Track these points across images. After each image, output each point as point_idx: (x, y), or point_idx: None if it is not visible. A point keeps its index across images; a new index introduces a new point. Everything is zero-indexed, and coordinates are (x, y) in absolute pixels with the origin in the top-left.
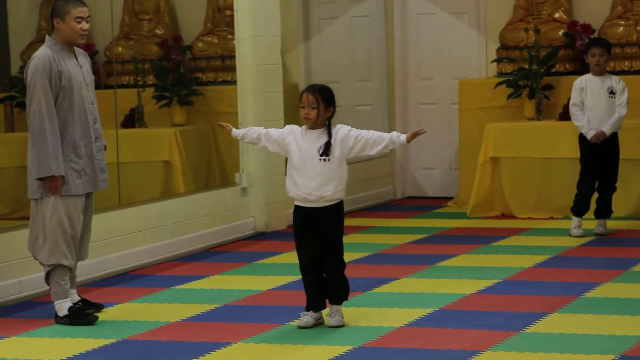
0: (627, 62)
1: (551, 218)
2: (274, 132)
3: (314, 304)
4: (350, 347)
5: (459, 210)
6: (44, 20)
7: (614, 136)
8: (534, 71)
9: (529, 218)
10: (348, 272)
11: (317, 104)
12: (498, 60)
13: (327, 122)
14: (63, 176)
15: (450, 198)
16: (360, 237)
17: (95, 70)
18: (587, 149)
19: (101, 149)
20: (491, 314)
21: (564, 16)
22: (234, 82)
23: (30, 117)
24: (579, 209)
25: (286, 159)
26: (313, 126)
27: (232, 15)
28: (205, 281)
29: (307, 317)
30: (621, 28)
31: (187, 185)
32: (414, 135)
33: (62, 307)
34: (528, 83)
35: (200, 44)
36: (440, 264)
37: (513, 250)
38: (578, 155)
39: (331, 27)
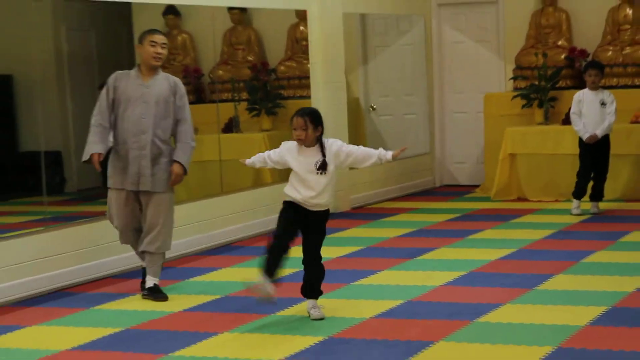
0: (614, 79)
1: (557, 201)
2: (273, 154)
3: (269, 271)
4: (400, 302)
5: (484, 195)
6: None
7: (605, 137)
8: (542, 86)
9: (540, 201)
10: (399, 244)
11: (306, 126)
12: (514, 78)
13: (319, 140)
14: (100, 153)
15: (478, 186)
16: (407, 217)
17: (201, 89)
18: (584, 147)
19: (145, 156)
20: (511, 275)
21: (566, 43)
22: (309, 97)
23: None
24: (578, 193)
25: None
26: (307, 144)
27: (307, 45)
28: (291, 249)
29: (268, 287)
30: (610, 52)
31: (274, 176)
32: (400, 152)
33: None
34: (538, 96)
35: (282, 68)
36: (471, 237)
37: (527, 225)
38: (578, 152)
39: (384, 53)
